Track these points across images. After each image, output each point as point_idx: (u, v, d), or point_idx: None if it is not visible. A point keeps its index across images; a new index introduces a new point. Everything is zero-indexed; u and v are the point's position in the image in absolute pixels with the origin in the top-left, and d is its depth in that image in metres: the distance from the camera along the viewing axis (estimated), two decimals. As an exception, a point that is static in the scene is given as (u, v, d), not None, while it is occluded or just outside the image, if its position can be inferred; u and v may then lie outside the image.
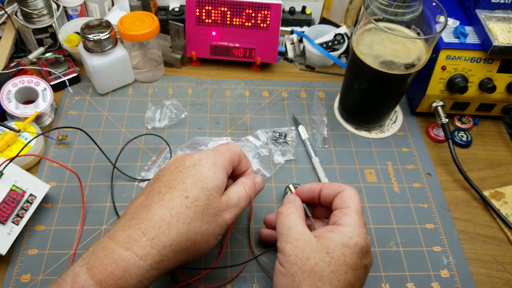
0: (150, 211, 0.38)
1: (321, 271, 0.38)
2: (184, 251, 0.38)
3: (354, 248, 0.39)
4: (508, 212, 0.58)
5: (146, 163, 0.60)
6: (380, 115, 0.65)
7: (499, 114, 0.68)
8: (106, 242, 0.37)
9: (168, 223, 0.37)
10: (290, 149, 0.62)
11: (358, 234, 0.40)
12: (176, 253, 0.38)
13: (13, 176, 0.50)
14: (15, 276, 0.48)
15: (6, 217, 0.48)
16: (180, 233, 0.38)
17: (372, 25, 0.54)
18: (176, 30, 0.69)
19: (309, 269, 0.38)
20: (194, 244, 0.39)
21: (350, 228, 0.41)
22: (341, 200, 0.44)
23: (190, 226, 0.38)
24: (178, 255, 0.38)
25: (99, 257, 0.36)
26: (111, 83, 0.68)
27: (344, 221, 0.42)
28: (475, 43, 0.61)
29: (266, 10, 0.67)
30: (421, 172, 0.62)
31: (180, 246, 0.38)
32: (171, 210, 0.38)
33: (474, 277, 0.52)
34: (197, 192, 0.39)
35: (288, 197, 0.48)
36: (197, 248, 0.40)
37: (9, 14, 0.69)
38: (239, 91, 0.70)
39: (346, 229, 0.41)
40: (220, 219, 0.41)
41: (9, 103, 0.60)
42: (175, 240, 0.37)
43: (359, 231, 0.41)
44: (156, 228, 0.37)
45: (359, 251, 0.40)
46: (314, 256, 0.39)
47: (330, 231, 0.41)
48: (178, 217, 0.38)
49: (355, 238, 0.40)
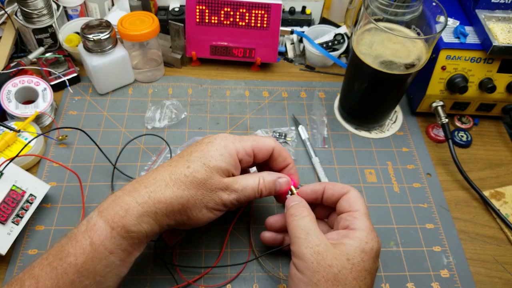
0: (157, 171, 0.43)
1: (344, 279, 0.38)
2: (176, 212, 0.42)
3: (371, 253, 0.40)
4: (508, 212, 0.58)
5: (146, 163, 0.60)
6: (380, 115, 0.65)
7: (499, 114, 0.68)
8: (117, 192, 0.42)
9: (166, 183, 0.41)
10: (290, 149, 0.62)
11: (373, 239, 0.41)
12: (169, 212, 0.41)
13: (13, 176, 0.50)
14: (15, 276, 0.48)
15: (6, 217, 0.48)
16: (174, 195, 0.41)
17: (372, 25, 0.54)
18: (176, 30, 0.69)
19: (332, 277, 0.38)
20: (186, 209, 0.42)
21: (364, 233, 0.41)
22: (348, 203, 0.44)
23: (184, 192, 0.41)
24: (171, 214, 0.41)
25: (108, 202, 0.41)
26: (111, 83, 0.68)
27: (357, 225, 0.42)
28: (475, 43, 0.61)
29: (266, 10, 0.67)
30: (421, 172, 0.62)
31: (173, 206, 0.41)
32: (171, 174, 0.42)
33: (474, 277, 0.52)
34: (198, 165, 0.42)
35: (293, 199, 0.46)
36: (190, 215, 0.42)
37: (9, 14, 0.69)
38: (239, 91, 0.70)
39: (361, 234, 0.41)
40: (215, 196, 0.43)
41: (9, 103, 0.60)
42: (168, 199, 0.41)
43: (372, 235, 0.41)
44: (156, 185, 0.41)
45: (374, 255, 0.40)
46: (336, 263, 0.38)
47: (346, 237, 0.41)
48: (175, 182, 0.42)
49: (370, 243, 0.40)
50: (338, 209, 0.45)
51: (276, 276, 0.50)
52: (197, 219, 0.43)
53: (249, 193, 0.44)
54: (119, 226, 0.39)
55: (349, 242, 0.40)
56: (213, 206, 0.43)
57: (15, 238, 0.49)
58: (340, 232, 0.42)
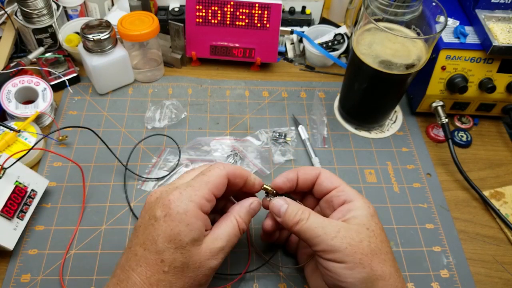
0: (131, 280, 0.37)
1: (376, 246, 0.40)
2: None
3: (375, 214, 0.43)
4: (508, 212, 0.58)
5: (147, 163, 0.60)
6: (380, 115, 0.65)
7: (499, 114, 0.68)
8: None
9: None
10: (290, 149, 0.62)
11: (368, 201, 0.43)
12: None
13: (15, 172, 0.50)
14: (15, 276, 0.48)
15: (12, 213, 0.49)
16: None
17: (372, 25, 0.54)
18: (176, 30, 0.69)
19: (368, 250, 0.39)
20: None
21: (361, 200, 0.43)
22: (328, 181, 0.45)
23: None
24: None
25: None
26: (111, 83, 0.68)
27: (350, 196, 0.43)
28: (475, 43, 0.61)
29: (266, 10, 0.67)
30: (421, 172, 0.62)
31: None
32: (149, 278, 0.37)
33: (474, 277, 0.52)
34: (172, 253, 0.37)
35: (278, 204, 0.44)
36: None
37: (9, 14, 0.69)
38: (239, 91, 0.70)
39: (360, 203, 0.43)
40: (204, 270, 0.39)
41: (9, 103, 0.60)
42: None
43: (365, 199, 0.44)
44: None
45: (377, 214, 0.43)
46: (363, 236, 0.40)
47: (350, 211, 0.42)
48: (158, 286, 0.37)
49: (370, 206, 0.43)
50: (319, 192, 0.46)
51: (276, 275, 0.50)
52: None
53: (234, 241, 0.42)
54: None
55: (357, 213, 0.42)
56: (206, 279, 0.40)
57: (20, 233, 0.50)
58: (342, 210, 0.43)
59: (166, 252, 0.37)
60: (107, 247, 0.51)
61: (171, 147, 0.61)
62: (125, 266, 0.38)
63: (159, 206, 0.38)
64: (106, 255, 0.51)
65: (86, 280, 0.49)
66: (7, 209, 0.48)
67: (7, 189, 0.49)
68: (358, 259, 0.39)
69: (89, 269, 0.49)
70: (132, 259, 0.38)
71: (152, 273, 0.37)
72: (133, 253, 0.38)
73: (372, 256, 0.39)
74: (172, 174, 0.58)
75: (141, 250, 0.38)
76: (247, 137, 0.63)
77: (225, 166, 0.42)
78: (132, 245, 0.39)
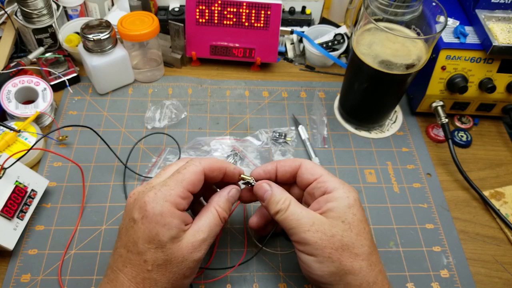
0: (119, 280, 0.39)
1: (349, 240, 0.40)
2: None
3: (355, 203, 0.42)
4: (508, 212, 0.58)
5: (147, 163, 0.60)
6: (380, 115, 0.65)
7: (499, 114, 0.68)
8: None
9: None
10: (290, 149, 0.62)
11: (350, 190, 0.43)
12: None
13: (16, 172, 0.50)
14: (15, 276, 0.48)
15: (13, 213, 0.49)
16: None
17: (372, 25, 0.54)
18: (176, 30, 0.69)
19: (339, 244, 0.40)
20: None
21: (341, 190, 0.42)
22: (309, 173, 0.45)
23: (158, 284, 0.39)
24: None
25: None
26: (111, 83, 0.68)
27: (330, 187, 0.43)
28: (475, 43, 0.61)
29: (266, 10, 0.67)
30: (421, 172, 0.62)
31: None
32: (135, 277, 0.38)
33: (474, 277, 0.52)
34: (153, 253, 0.38)
35: (263, 189, 0.44)
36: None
37: (9, 14, 0.69)
38: (239, 91, 0.70)
39: (339, 193, 0.42)
40: (188, 263, 0.40)
41: (9, 103, 0.60)
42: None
43: (347, 188, 0.43)
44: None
45: (359, 203, 0.42)
46: (336, 230, 0.40)
47: (328, 201, 0.42)
48: (144, 284, 0.38)
49: (350, 195, 0.42)
50: (301, 183, 0.46)
51: (276, 275, 0.50)
52: (185, 286, 0.41)
53: (216, 230, 0.42)
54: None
55: (334, 205, 0.41)
56: (191, 271, 0.41)
57: (20, 233, 0.50)
58: (320, 200, 0.43)
59: (148, 252, 0.38)
60: (107, 247, 0.51)
61: (171, 147, 0.61)
62: (113, 267, 0.40)
63: (137, 208, 0.39)
64: (106, 255, 0.51)
65: (86, 280, 0.49)
66: (7, 209, 0.48)
67: (7, 189, 0.49)
68: (327, 254, 0.39)
69: (89, 269, 0.49)
70: (118, 260, 0.40)
71: (137, 273, 0.38)
72: (119, 255, 0.40)
73: (343, 251, 0.40)
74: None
75: (124, 251, 0.39)
76: (247, 137, 0.63)
77: (201, 161, 0.43)
78: (117, 247, 0.41)
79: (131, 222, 0.40)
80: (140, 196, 0.40)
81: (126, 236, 0.40)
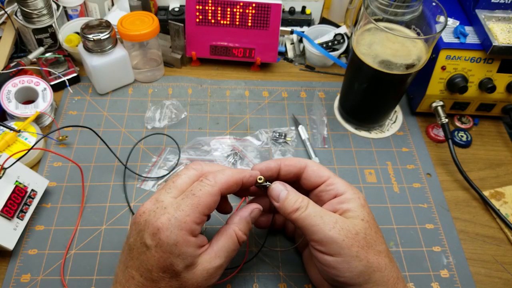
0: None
1: (371, 238, 0.40)
2: None
3: (366, 202, 0.43)
4: (508, 212, 0.58)
5: (147, 163, 0.60)
6: (380, 115, 0.65)
7: (499, 114, 0.68)
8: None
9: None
10: (290, 149, 0.62)
11: (357, 191, 0.43)
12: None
13: (16, 172, 0.50)
14: (15, 276, 0.48)
15: (13, 213, 0.49)
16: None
17: (372, 25, 0.54)
18: (176, 30, 0.69)
19: (364, 242, 0.39)
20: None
21: (351, 192, 0.43)
22: (316, 175, 0.44)
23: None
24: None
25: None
26: (111, 83, 0.68)
27: (341, 189, 0.43)
28: (475, 43, 0.61)
29: (266, 10, 0.67)
30: (421, 172, 0.62)
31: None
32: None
33: (474, 277, 0.52)
34: (168, 281, 0.38)
35: (277, 189, 0.43)
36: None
37: (9, 14, 0.69)
38: (239, 91, 0.70)
39: (350, 194, 0.42)
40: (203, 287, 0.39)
41: (9, 103, 0.60)
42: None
43: (354, 189, 0.43)
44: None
45: (367, 203, 0.43)
46: (359, 228, 0.40)
47: (342, 203, 0.42)
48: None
49: (361, 196, 0.43)
50: (307, 185, 0.45)
51: (276, 275, 0.50)
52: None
53: (232, 255, 0.41)
54: None
55: (350, 205, 0.42)
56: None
57: (20, 233, 0.50)
58: (333, 202, 0.43)
59: (162, 281, 0.38)
60: (107, 247, 0.51)
61: (171, 147, 0.61)
62: (125, 287, 0.39)
63: (149, 233, 0.38)
64: (106, 255, 0.51)
65: (86, 280, 0.49)
66: (7, 209, 0.48)
67: (7, 189, 0.49)
68: (354, 252, 0.39)
69: (89, 269, 0.49)
70: (130, 282, 0.38)
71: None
72: (131, 276, 0.39)
73: (368, 248, 0.39)
74: (172, 174, 0.58)
75: (137, 275, 0.38)
76: (247, 137, 0.63)
77: (216, 181, 0.40)
78: (128, 266, 0.39)
79: (143, 247, 0.38)
80: (151, 218, 0.38)
81: (139, 260, 0.38)
